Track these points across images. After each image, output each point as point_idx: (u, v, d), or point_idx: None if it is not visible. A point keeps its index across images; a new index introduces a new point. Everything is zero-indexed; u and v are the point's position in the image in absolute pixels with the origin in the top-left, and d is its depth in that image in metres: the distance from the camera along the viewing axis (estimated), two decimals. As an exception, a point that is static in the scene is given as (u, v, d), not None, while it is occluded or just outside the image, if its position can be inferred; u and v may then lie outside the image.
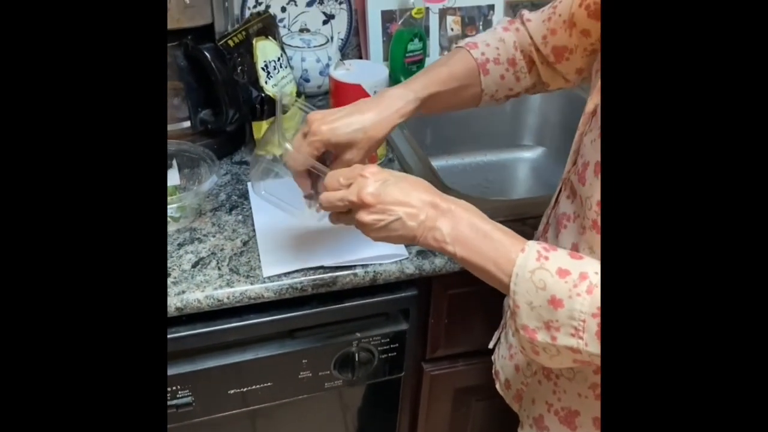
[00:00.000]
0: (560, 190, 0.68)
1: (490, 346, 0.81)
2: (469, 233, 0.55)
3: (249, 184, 0.91)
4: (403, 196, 0.56)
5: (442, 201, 0.56)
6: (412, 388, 0.96)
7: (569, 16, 0.69)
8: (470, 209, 0.56)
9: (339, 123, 0.65)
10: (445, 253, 0.56)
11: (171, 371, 0.76)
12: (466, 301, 0.88)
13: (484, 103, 0.78)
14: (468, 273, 0.80)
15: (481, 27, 1.30)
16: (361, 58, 1.27)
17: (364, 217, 0.57)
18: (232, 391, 0.80)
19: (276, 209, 0.84)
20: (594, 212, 0.58)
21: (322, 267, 0.76)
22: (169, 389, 0.77)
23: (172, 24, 0.86)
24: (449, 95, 0.73)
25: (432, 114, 0.78)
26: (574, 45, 0.71)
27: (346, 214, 0.60)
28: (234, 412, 0.82)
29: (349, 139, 0.65)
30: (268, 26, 0.98)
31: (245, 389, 0.80)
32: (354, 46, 1.28)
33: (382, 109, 0.67)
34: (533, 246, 0.52)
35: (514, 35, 0.75)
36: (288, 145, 0.65)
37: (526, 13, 0.76)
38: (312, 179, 0.68)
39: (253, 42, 0.93)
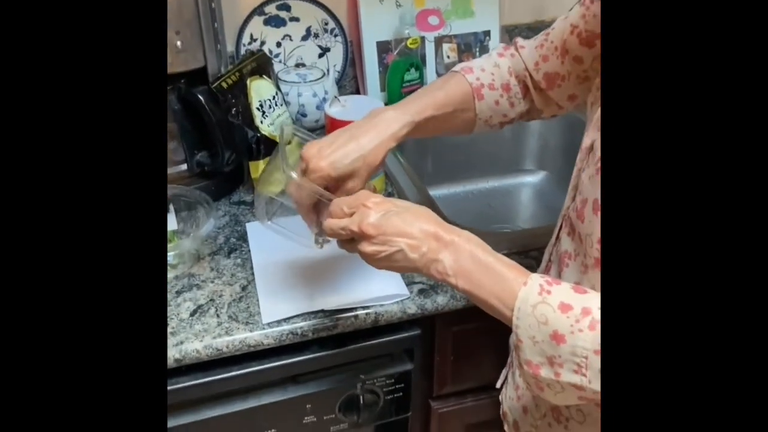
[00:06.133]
0: (561, 227, 0.67)
1: (498, 385, 0.79)
2: (471, 266, 0.54)
3: (248, 225, 0.91)
4: (405, 227, 0.55)
5: (445, 232, 0.55)
6: (421, 427, 0.94)
7: (561, 43, 0.69)
8: (473, 240, 0.55)
9: (337, 155, 0.64)
10: (449, 285, 0.55)
11: (173, 422, 0.75)
12: (472, 338, 0.87)
13: (478, 128, 0.77)
14: (471, 309, 0.78)
15: (477, 53, 1.29)
16: (358, 89, 1.27)
17: (366, 247, 0.56)
18: (235, 440, 0.78)
19: (275, 250, 0.83)
20: (595, 250, 0.56)
21: (322, 311, 0.75)
22: (171, 441, 0.75)
23: (165, 69, 0.86)
24: (444, 119, 0.72)
25: (425, 137, 0.76)
26: (567, 71, 0.70)
27: (349, 242, 0.59)
28: (238, 460, 0.80)
29: (349, 170, 0.64)
30: (262, 65, 0.98)
31: (249, 437, 0.79)
32: (351, 78, 1.28)
33: (377, 133, 0.66)
34: (536, 279, 0.51)
35: (509, 61, 0.75)
36: (293, 174, 0.64)
37: (519, 41, 0.76)
38: (318, 211, 0.67)
39: (247, 82, 0.93)
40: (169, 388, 0.73)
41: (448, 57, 1.29)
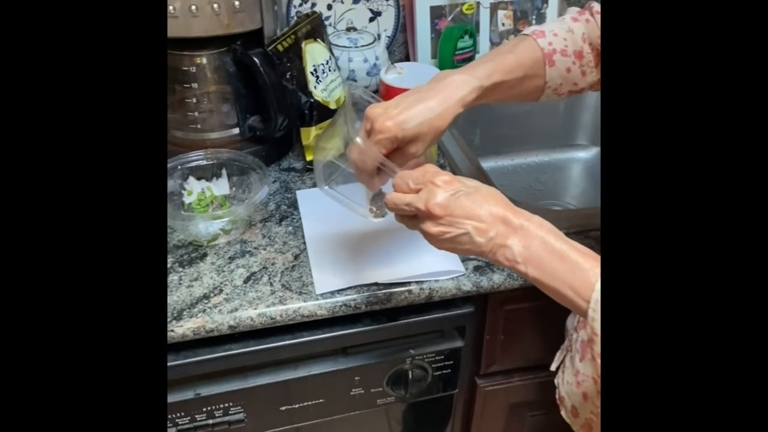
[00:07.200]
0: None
1: (552, 368, 0.77)
2: (543, 253, 0.51)
3: (298, 193, 0.89)
4: (473, 209, 0.53)
5: (515, 216, 0.53)
6: (465, 404, 0.93)
7: None
8: (545, 226, 0.53)
9: (404, 116, 0.61)
10: (517, 272, 0.53)
11: (223, 388, 0.75)
12: (523, 317, 0.85)
13: (545, 97, 0.73)
14: (525, 289, 0.76)
15: (534, 21, 1.24)
16: (408, 56, 1.23)
17: (431, 227, 0.54)
18: (284, 408, 0.78)
19: (326, 220, 0.81)
20: None
21: (376, 284, 0.74)
22: (221, 406, 0.76)
23: (221, 29, 0.84)
24: (512, 85, 0.69)
25: (493, 103, 0.73)
26: None
27: (411, 218, 0.57)
28: (285, 428, 0.81)
29: (415, 133, 0.61)
30: (316, 28, 0.95)
31: (297, 406, 0.79)
32: (401, 44, 1.24)
33: (445, 98, 0.63)
34: None
35: (584, 26, 0.71)
36: (358, 140, 0.61)
37: (595, 5, 0.71)
38: (378, 178, 0.64)
39: (302, 46, 0.90)
40: (220, 354, 0.73)
41: (503, 24, 1.24)
